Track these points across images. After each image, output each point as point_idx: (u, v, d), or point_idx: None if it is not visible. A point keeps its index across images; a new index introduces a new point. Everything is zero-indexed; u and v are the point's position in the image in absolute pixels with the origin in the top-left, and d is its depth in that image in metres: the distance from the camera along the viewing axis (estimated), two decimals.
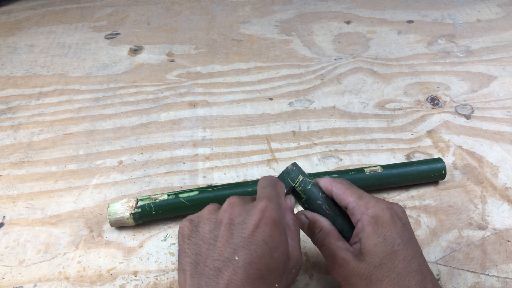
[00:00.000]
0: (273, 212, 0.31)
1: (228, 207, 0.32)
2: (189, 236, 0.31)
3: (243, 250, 0.29)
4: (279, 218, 0.31)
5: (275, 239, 0.30)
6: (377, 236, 0.33)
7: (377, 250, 0.32)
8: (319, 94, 0.64)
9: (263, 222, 0.30)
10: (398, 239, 0.33)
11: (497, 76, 0.66)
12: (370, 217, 0.34)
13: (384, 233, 0.33)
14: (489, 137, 0.56)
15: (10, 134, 0.58)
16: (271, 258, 0.29)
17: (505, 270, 0.42)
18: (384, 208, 0.34)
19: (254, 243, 0.29)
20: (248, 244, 0.29)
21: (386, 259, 0.32)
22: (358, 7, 0.83)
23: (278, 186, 0.35)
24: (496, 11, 0.80)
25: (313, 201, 0.38)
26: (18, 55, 0.72)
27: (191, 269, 0.29)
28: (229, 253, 0.29)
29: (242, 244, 0.29)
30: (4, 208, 0.49)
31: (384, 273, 0.32)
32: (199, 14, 0.83)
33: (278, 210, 0.32)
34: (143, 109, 0.62)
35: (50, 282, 0.42)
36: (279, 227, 0.31)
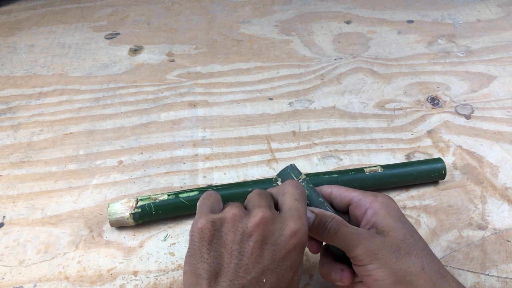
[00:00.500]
0: (305, 237, 0.30)
1: (261, 221, 0.30)
2: (210, 240, 0.30)
3: (271, 273, 0.28)
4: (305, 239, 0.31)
5: (299, 263, 0.30)
6: (393, 216, 0.34)
7: (398, 226, 0.33)
8: (319, 94, 0.64)
9: (295, 248, 0.30)
10: (410, 225, 0.35)
11: (497, 76, 0.66)
12: (380, 203, 0.35)
13: (397, 215, 0.34)
14: (489, 137, 0.56)
15: (10, 134, 0.58)
16: (292, 282, 0.30)
17: (505, 270, 0.42)
18: (389, 199, 0.36)
19: (283, 268, 0.29)
20: (277, 268, 0.29)
21: (408, 235, 0.33)
22: (358, 7, 0.83)
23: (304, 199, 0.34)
24: (496, 11, 0.80)
25: (315, 198, 0.37)
26: (18, 55, 0.72)
27: (210, 278, 0.28)
28: (257, 273, 0.28)
29: (271, 267, 0.28)
30: (4, 208, 0.49)
31: (411, 247, 0.32)
32: (199, 14, 0.83)
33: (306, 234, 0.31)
34: (143, 109, 0.62)
35: (50, 282, 0.42)
36: (303, 250, 0.31)
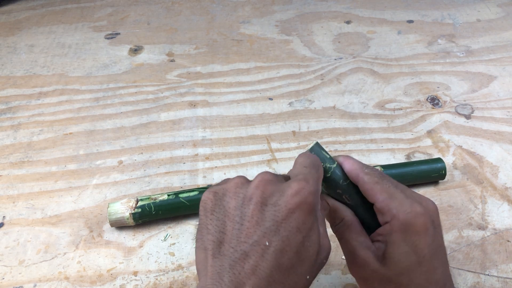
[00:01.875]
0: (310, 196, 0.28)
1: (261, 183, 0.28)
2: (212, 210, 0.28)
3: (274, 235, 0.26)
4: (315, 205, 0.28)
5: (308, 226, 0.27)
6: (405, 244, 0.30)
7: (403, 259, 0.30)
8: (319, 94, 0.64)
9: (299, 207, 0.27)
10: (426, 249, 0.30)
11: (497, 76, 0.66)
12: (400, 224, 0.30)
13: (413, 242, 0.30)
14: (489, 137, 0.56)
15: (10, 134, 0.58)
16: (303, 248, 0.27)
17: (505, 270, 0.42)
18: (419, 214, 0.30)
19: (287, 229, 0.26)
20: (281, 230, 0.26)
21: (409, 269, 0.30)
22: (358, 7, 0.83)
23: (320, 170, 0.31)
24: (496, 11, 0.80)
25: (332, 190, 0.34)
26: (18, 55, 0.72)
27: (213, 248, 0.27)
28: (259, 236, 0.26)
29: (273, 229, 0.26)
30: (4, 208, 0.49)
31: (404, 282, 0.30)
32: (199, 14, 0.83)
33: (316, 195, 0.28)
34: (143, 109, 0.62)
35: (50, 282, 0.42)
36: (314, 214, 0.28)
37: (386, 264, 0.30)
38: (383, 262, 0.30)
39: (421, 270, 0.30)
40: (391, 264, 0.30)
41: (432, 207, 0.31)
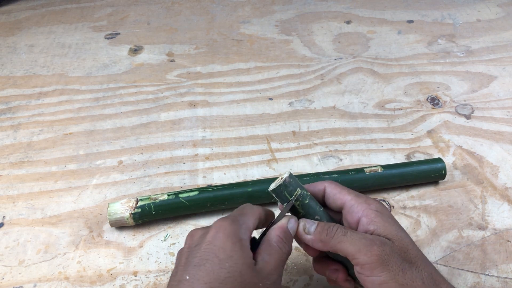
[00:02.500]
0: (225, 225, 0.32)
1: (188, 238, 0.34)
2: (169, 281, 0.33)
3: (194, 268, 0.30)
4: (233, 230, 0.32)
5: (227, 249, 0.30)
6: (392, 224, 0.33)
7: (401, 235, 0.33)
8: (319, 94, 0.64)
9: (216, 237, 0.31)
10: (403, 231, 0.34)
11: (497, 76, 0.66)
12: (374, 211, 0.34)
13: (395, 223, 0.34)
14: (489, 137, 0.56)
15: (10, 134, 0.58)
16: (222, 269, 0.30)
17: (505, 270, 0.42)
18: (382, 205, 0.35)
19: (205, 259, 0.30)
20: (200, 262, 0.30)
21: (410, 245, 0.33)
22: (358, 7, 0.83)
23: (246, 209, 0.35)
24: (496, 11, 0.80)
25: (311, 216, 0.36)
26: (18, 55, 0.72)
27: None
28: (182, 275, 0.30)
29: (195, 263, 0.30)
30: (4, 208, 0.49)
31: (412, 258, 0.32)
32: (199, 14, 0.83)
33: (233, 224, 0.32)
34: (143, 109, 0.62)
35: (50, 282, 0.42)
36: (232, 238, 0.31)
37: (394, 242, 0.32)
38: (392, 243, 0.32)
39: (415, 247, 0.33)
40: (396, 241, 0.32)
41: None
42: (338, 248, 0.33)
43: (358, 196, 0.36)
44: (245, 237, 0.32)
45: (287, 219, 0.34)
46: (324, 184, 0.37)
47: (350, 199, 0.35)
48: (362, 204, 0.34)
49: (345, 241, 0.32)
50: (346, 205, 0.35)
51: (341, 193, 0.36)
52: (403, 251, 0.32)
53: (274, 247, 0.33)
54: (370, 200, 0.35)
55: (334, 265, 0.36)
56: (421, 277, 0.31)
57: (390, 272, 0.31)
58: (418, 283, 0.31)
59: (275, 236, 0.33)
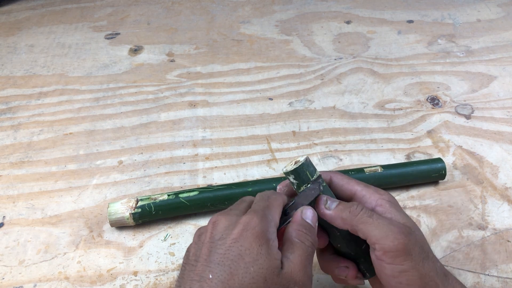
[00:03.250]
0: (255, 224, 0.30)
1: (210, 226, 0.31)
2: (183, 261, 0.31)
3: (218, 267, 0.28)
4: (262, 230, 0.30)
5: (253, 252, 0.29)
6: (405, 215, 0.33)
7: (416, 227, 0.32)
8: (319, 94, 0.64)
9: (243, 236, 0.29)
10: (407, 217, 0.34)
11: (497, 76, 0.66)
12: (388, 201, 0.33)
13: (406, 214, 0.33)
14: (489, 137, 0.56)
15: (10, 134, 0.58)
16: (246, 274, 0.28)
17: (505, 270, 0.42)
18: (393, 196, 0.35)
19: (229, 258, 0.28)
20: (224, 260, 0.28)
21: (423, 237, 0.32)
22: (358, 7, 0.83)
23: (271, 199, 0.33)
24: (496, 11, 0.80)
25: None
26: (18, 55, 0.72)
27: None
28: (205, 271, 0.28)
29: (218, 261, 0.28)
30: (4, 208, 0.49)
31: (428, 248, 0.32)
32: (199, 14, 0.83)
33: (262, 222, 0.30)
34: (143, 109, 0.62)
35: (50, 282, 0.42)
36: (260, 239, 0.29)
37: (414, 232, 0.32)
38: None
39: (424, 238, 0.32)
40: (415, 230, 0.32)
41: None
42: (360, 228, 0.32)
43: (368, 186, 0.35)
44: (273, 237, 0.30)
45: (301, 210, 0.33)
46: (329, 175, 0.36)
47: (361, 189, 0.34)
48: (374, 194, 0.34)
49: (371, 224, 0.31)
50: (357, 195, 0.34)
51: (350, 184, 0.35)
52: (422, 241, 0.32)
53: (296, 242, 0.31)
54: (381, 191, 0.35)
55: (344, 262, 0.35)
56: (435, 268, 0.31)
57: (413, 262, 0.30)
58: (433, 273, 0.30)
59: (294, 231, 0.32)
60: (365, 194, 0.34)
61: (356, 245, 0.34)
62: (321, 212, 0.34)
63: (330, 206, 0.33)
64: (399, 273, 0.30)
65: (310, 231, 0.32)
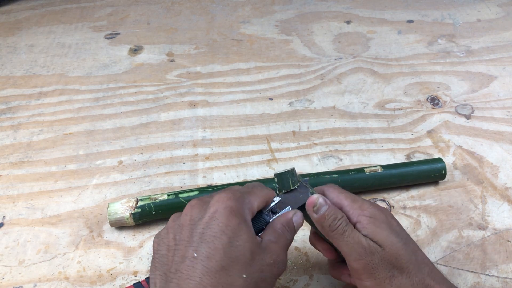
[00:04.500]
0: (228, 201, 0.31)
1: (188, 209, 0.32)
2: (157, 250, 0.31)
3: (201, 244, 0.29)
4: (237, 207, 0.31)
5: (234, 227, 0.30)
6: (384, 230, 0.34)
7: (391, 241, 0.33)
8: (319, 94, 0.64)
9: (218, 212, 0.30)
10: (402, 233, 0.35)
11: (497, 76, 0.66)
12: (368, 217, 0.34)
13: (388, 228, 0.34)
14: (489, 137, 0.56)
15: (10, 134, 0.58)
16: (231, 247, 0.29)
17: (505, 270, 0.42)
18: (377, 210, 0.35)
19: (211, 235, 0.29)
20: (207, 238, 0.29)
21: (401, 250, 0.33)
22: (358, 7, 0.83)
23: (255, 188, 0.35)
24: (496, 11, 0.80)
25: None
26: (18, 55, 0.72)
27: (161, 281, 0.29)
28: (188, 251, 0.29)
29: (200, 240, 0.29)
30: (4, 208, 0.49)
31: (403, 264, 0.33)
32: (199, 14, 0.83)
33: (237, 200, 0.31)
34: (143, 109, 0.62)
35: (50, 282, 0.42)
36: (236, 215, 0.30)
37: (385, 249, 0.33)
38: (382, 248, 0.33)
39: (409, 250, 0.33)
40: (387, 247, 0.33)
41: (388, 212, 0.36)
42: (334, 242, 0.34)
43: (354, 201, 0.36)
44: (248, 218, 0.32)
45: (294, 212, 0.35)
46: (323, 189, 0.37)
47: (347, 204, 0.35)
48: (356, 210, 0.35)
49: (341, 240, 0.33)
50: (343, 210, 0.35)
51: (339, 197, 0.36)
52: (394, 258, 0.32)
53: (279, 232, 0.33)
54: (365, 205, 0.35)
55: (347, 271, 0.36)
56: (411, 283, 0.32)
57: (376, 280, 0.32)
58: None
59: (280, 224, 0.33)
60: (349, 210, 0.35)
61: None
62: (308, 212, 0.35)
63: (318, 211, 0.34)
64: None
65: (291, 231, 0.34)
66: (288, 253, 0.44)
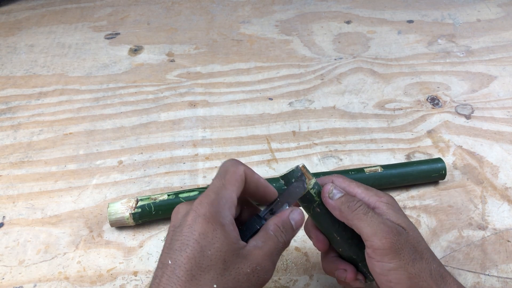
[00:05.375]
0: (204, 209, 0.30)
1: (174, 214, 0.32)
2: None
3: (176, 253, 0.29)
4: (213, 213, 0.30)
5: (208, 236, 0.29)
6: (401, 216, 0.34)
7: (412, 227, 0.33)
8: (319, 94, 0.64)
9: (195, 222, 0.30)
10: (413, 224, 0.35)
11: (497, 76, 0.66)
12: (386, 203, 0.34)
13: (405, 215, 0.34)
14: (489, 137, 0.56)
15: (10, 134, 0.58)
16: (203, 257, 0.28)
17: (505, 270, 0.42)
18: (392, 198, 0.36)
19: (187, 244, 0.29)
20: (182, 246, 0.29)
21: (420, 237, 0.33)
22: (358, 7, 0.83)
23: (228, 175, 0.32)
24: (496, 11, 0.80)
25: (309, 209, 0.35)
26: (18, 55, 0.72)
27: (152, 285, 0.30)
28: (165, 258, 0.29)
29: (177, 248, 0.29)
30: (4, 208, 0.49)
31: (423, 249, 0.32)
32: (199, 14, 0.83)
33: (212, 207, 0.30)
34: (143, 109, 0.62)
35: (50, 282, 0.42)
36: (212, 224, 0.29)
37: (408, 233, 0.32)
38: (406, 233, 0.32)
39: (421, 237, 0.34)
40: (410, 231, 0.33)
41: None
42: (354, 223, 0.33)
43: (367, 189, 0.36)
44: (227, 221, 0.30)
45: (290, 210, 0.33)
46: (331, 178, 0.37)
47: (361, 192, 0.35)
48: (373, 197, 0.35)
49: (364, 220, 0.32)
50: (357, 197, 0.35)
51: (350, 186, 0.36)
52: (416, 242, 0.32)
53: (270, 235, 0.32)
54: (381, 193, 0.35)
55: (343, 265, 0.36)
56: (429, 269, 0.32)
57: (401, 261, 0.31)
58: (426, 274, 0.31)
59: (273, 225, 0.32)
60: (364, 196, 0.35)
61: (357, 249, 0.35)
62: (324, 200, 0.35)
63: (333, 197, 0.34)
64: (387, 271, 0.31)
65: (288, 231, 0.32)
66: (288, 253, 0.44)
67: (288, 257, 0.44)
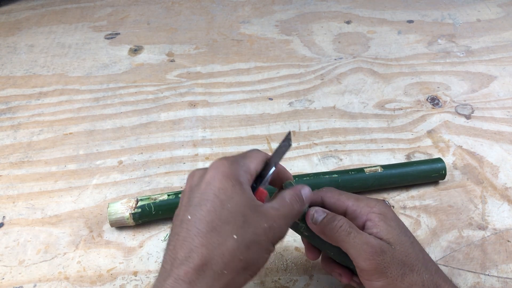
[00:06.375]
0: (223, 167, 0.31)
1: (189, 178, 0.34)
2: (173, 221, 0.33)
3: (195, 208, 0.30)
4: (231, 171, 0.31)
5: (227, 191, 0.30)
6: (394, 228, 0.34)
7: (402, 239, 0.33)
8: (319, 94, 0.64)
9: (214, 177, 0.31)
10: (408, 231, 0.35)
11: (497, 76, 0.66)
12: (378, 214, 0.34)
13: (397, 226, 0.34)
14: (489, 137, 0.56)
15: (10, 134, 0.58)
16: (223, 210, 0.29)
17: (505, 270, 0.42)
18: (385, 206, 0.35)
19: (206, 199, 0.30)
20: (201, 201, 0.30)
21: (410, 248, 0.33)
22: (358, 7, 0.83)
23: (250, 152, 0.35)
24: (496, 11, 0.80)
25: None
26: (18, 55, 0.72)
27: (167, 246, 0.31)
28: (184, 215, 0.30)
29: (196, 203, 0.30)
30: (4, 208, 0.49)
31: (413, 261, 0.32)
32: (199, 14, 0.83)
33: (232, 165, 0.32)
34: (143, 109, 0.62)
35: (50, 282, 0.42)
36: (231, 179, 0.31)
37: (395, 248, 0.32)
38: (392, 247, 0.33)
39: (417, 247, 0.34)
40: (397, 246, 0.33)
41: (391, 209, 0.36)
42: (340, 245, 0.33)
43: (358, 199, 0.35)
44: (245, 180, 0.32)
45: (301, 186, 0.34)
46: (319, 194, 0.37)
47: (351, 204, 0.35)
48: (364, 208, 0.34)
49: (347, 242, 0.33)
50: (348, 210, 0.35)
51: (340, 200, 0.36)
52: (404, 255, 0.32)
53: (286, 202, 0.32)
54: (372, 202, 0.35)
55: (338, 269, 0.37)
56: (421, 281, 0.32)
57: (389, 278, 0.32)
58: (417, 287, 0.31)
59: (289, 194, 0.33)
60: (356, 209, 0.35)
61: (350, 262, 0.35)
62: (308, 225, 0.35)
63: (316, 221, 0.34)
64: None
65: (301, 202, 0.34)
66: (288, 253, 0.44)
67: (288, 257, 0.44)
